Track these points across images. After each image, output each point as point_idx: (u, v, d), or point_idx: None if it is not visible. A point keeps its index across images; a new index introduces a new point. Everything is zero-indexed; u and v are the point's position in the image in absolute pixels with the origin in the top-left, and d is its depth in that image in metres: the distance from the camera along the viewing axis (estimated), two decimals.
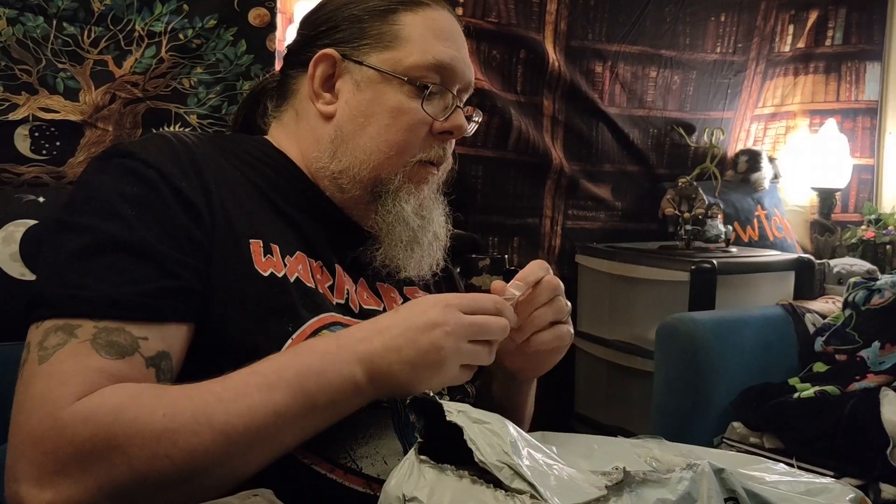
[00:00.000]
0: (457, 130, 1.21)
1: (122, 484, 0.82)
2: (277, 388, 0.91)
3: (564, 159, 3.42)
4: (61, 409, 0.84)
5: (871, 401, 2.19)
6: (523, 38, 3.25)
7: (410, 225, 1.18)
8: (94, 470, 0.82)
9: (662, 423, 2.50)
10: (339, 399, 0.94)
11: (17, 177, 2.09)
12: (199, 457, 0.85)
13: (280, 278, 1.05)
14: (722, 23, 3.72)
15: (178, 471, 0.84)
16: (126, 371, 0.90)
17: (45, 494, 0.81)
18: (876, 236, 3.54)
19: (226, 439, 0.86)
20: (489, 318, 1.00)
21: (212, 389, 0.90)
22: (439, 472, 0.81)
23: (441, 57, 1.17)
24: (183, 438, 0.84)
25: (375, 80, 1.16)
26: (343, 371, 0.94)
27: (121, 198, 0.98)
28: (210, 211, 1.03)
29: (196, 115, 2.28)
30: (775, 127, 3.98)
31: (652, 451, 0.99)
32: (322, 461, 0.99)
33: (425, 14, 1.19)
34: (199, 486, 0.86)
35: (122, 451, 0.82)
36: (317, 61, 1.19)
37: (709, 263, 2.86)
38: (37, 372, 0.88)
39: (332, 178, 1.18)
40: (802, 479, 0.93)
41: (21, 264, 1.72)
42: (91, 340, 0.90)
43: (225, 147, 1.15)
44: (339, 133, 1.17)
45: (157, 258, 0.96)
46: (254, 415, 0.89)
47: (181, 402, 0.88)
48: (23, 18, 2.05)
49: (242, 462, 0.89)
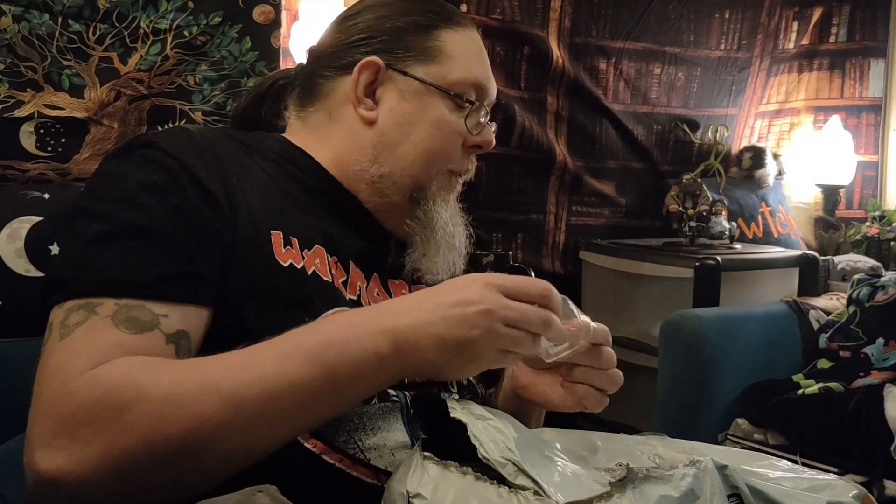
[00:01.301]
0: (486, 145, 1.26)
1: (129, 449, 0.81)
2: (293, 358, 0.88)
3: (568, 156, 3.42)
4: (74, 377, 0.85)
5: (875, 397, 2.20)
6: (527, 35, 3.25)
7: (448, 231, 1.22)
8: (102, 433, 0.82)
9: (666, 419, 2.50)
10: (361, 373, 0.89)
11: (23, 173, 2.09)
12: (206, 424, 0.83)
13: (299, 269, 1.06)
14: (726, 19, 3.71)
15: (185, 437, 0.83)
16: (144, 345, 0.90)
17: (57, 457, 0.82)
18: (880, 233, 3.54)
19: (234, 408, 0.84)
20: (529, 309, 0.91)
21: (224, 358, 0.89)
22: (443, 468, 0.82)
23: (480, 77, 1.24)
24: (189, 404, 0.83)
25: (420, 91, 1.20)
26: (366, 343, 0.89)
27: (141, 187, 0.99)
28: (230, 201, 1.03)
29: (201, 112, 2.29)
30: (779, 123, 3.97)
31: (655, 447, 0.99)
32: (331, 451, 0.99)
33: (463, 33, 1.25)
34: (206, 456, 0.84)
35: (128, 414, 0.82)
36: (362, 67, 1.20)
37: (713, 260, 2.86)
38: (57, 347, 0.89)
39: (371, 183, 1.21)
40: (806, 475, 0.93)
41: (26, 260, 1.72)
42: (111, 316, 0.90)
43: (244, 142, 1.17)
44: (381, 139, 1.20)
45: (177, 245, 0.97)
46: (266, 384, 0.86)
47: (190, 369, 0.88)
48: (28, 16, 2.05)
49: (253, 435, 0.86)
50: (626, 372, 1.08)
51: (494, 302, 0.89)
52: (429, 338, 0.89)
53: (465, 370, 0.95)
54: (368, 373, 0.89)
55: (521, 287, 0.92)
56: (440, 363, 0.91)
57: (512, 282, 0.92)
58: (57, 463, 0.82)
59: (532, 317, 0.91)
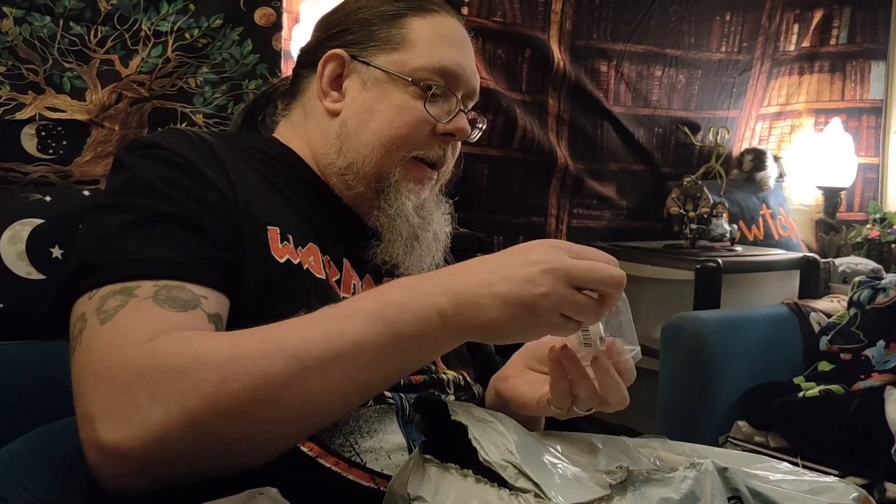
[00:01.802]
0: (458, 132, 1.23)
1: (194, 410, 0.80)
2: (355, 317, 0.87)
3: (569, 158, 3.42)
4: (130, 348, 0.84)
5: (876, 400, 2.20)
6: (528, 38, 3.25)
7: (410, 221, 1.19)
8: (164, 398, 0.80)
9: (667, 421, 2.50)
10: (423, 330, 0.87)
11: (24, 176, 2.09)
12: (271, 380, 0.82)
13: (295, 265, 1.07)
14: (727, 22, 3.72)
15: (250, 395, 0.82)
16: (190, 322, 0.90)
17: (120, 427, 0.80)
18: (881, 235, 3.54)
19: (299, 364, 0.83)
20: (599, 264, 0.88)
21: (284, 322, 0.88)
22: (444, 471, 0.82)
23: (446, 62, 1.20)
24: (252, 362, 0.82)
25: (382, 79, 1.20)
26: (426, 301, 0.88)
27: (160, 179, 1.00)
28: (234, 196, 1.04)
29: (202, 115, 2.29)
30: (780, 126, 3.98)
31: (656, 450, 0.99)
32: (327, 454, 1.00)
33: (434, 20, 1.23)
34: (276, 415, 0.83)
35: (189, 377, 0.81)
36: (326, 60, 1.22)
37: (714, 262, 2.86)
38: (100, 331, 0.87)
39: (340, 175, 1.21)
40: (806, 477, 0.93)
41: (27, 263, 1.72)
42: (153, 297, 0.90)
43: (235, 143, 1.17)
44: (343, 129, 1.20)
45: (206, 231, 0.98)
46: (329, 341, 0.85)
47: (249, 331, 0.87)
48: (30, 18, 2.05)
49: (320, 389, 0.85)
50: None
51: (559, 260, 0.87)
52: (490, 297, 0.87)
53: (528, 333, 0.92)
54: (431, 331, 0.88)
55: (588, 251, 0.90)
56: (502, 324, 0.87)
57: (578, 247, 0.90)
58: (121, 432, 0.80)
59: (602, 272, 0.87)
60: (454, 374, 1.20)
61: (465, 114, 1.24)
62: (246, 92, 2.30)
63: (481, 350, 1.38)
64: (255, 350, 0.83)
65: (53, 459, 1.14)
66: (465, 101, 1.25)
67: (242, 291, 1.00)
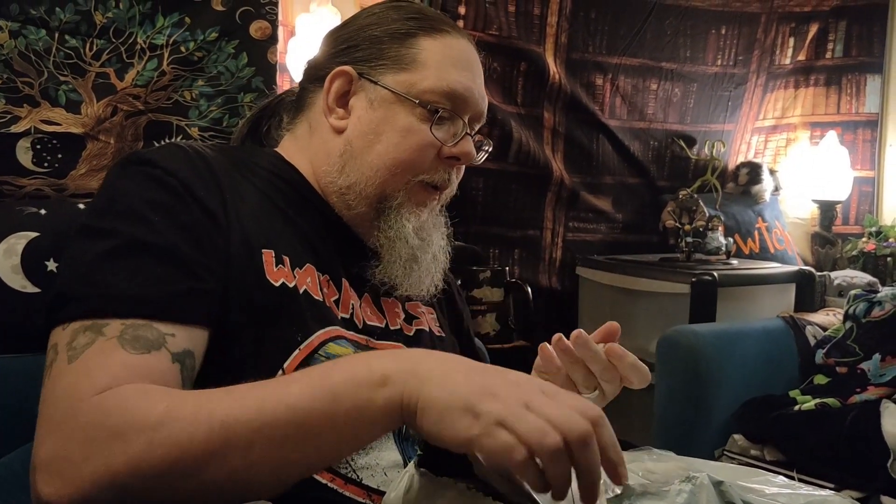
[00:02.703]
0: (464, 157, 1.22)
1: (118, 472, 0.80)
2: (295, 381, 0.85)
3: (565, 171, 3.43)
4: (82, 400, 0.84)
5: (872, 413, 2.19)
6: (524, 51, 3.26)
7: (410, 243, 1.18)
8: (95, 457, 0.80)
9: (664, 435, 2.50)
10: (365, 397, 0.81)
11: (19, 189, 2.09)
12: (192, 450, 0.80)
13: (291, 288, 1.06)
14: (722, 35, 3.73)
15: (172, 464, 0.80)
16: (152, 364, 0.89)
17: (55, 481, 0.81)
18: (877, 248, 3.54)
19: (224, 433, 0.80)
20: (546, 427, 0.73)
21: (226, 388, 0.86)
22: (439, 484, 0.81)
23: (455, 85, 1.19)
24: (179, 428, 0.81)
25: (389, 100, 1.18)
26: (373, 364, 0.83)
27: (146, 203, 0.99)
28: (227, 219, 1.03)
29: (197, 128, 2.29)
30: (776, 139, 3.98)
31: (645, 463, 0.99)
32: (322, 470, 0.99)
33: (444, 41, 1.21)
34: (197, 483, 0.81)
35: (121, 439, 0.81)
36: (333, 77, 1.20)
37: (710, 276, 2.86)
38: (65, 370, 0.88)
39: (340, 194, 1.19)
40: (802, 491, 0.93)
41: (22, 276, 1.72)
42: (118, 337, 0.89)
43: (236, 158, 1.16)
44: (348, 148, 1.18)
45: (185, 261, 0.97)
46: (262, 407, 0.81)
47: (188, 396, 0.86)
48: (25, 31, 2.05)
49: (244, 462, 0.81)
50: (623, 388, 1.08)
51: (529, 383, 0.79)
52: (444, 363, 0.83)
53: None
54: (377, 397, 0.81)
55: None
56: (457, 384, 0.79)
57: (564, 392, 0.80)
58: (55, 487, 0.81)
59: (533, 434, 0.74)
60: None
61: (472, 137, 1.24)
62: (241, 105, 2.31)
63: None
64: (185, 418, 0.81)
65: None
66: (472, 124, 1.24)
67: (231, 318, 0.99)
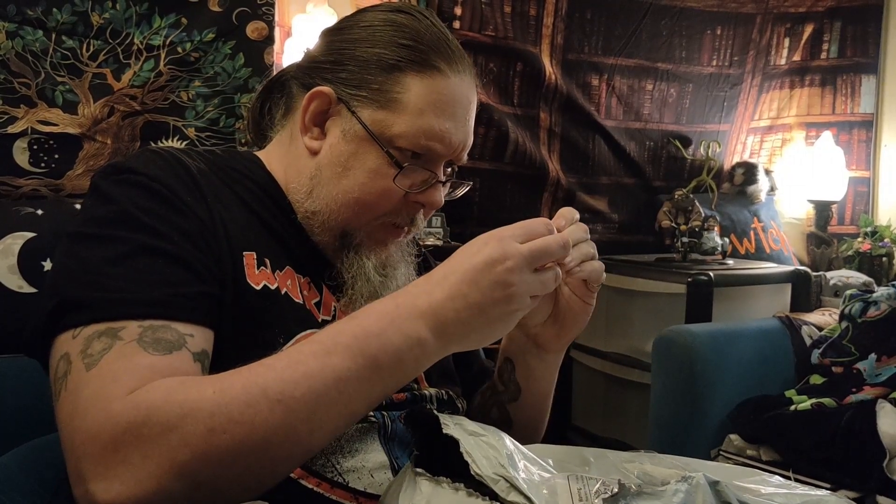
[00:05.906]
0: (429, 205, 1.18)
1: (185, 464, 0.80)
2: (335, 353, 0.88)
3: (561, 171, 3.43)
4: (114, 402, 0.83)
5: (868, 413, 2.20)
6: (520, 52, 3.26)
7: (371, 281, 1.16)
8: (154, 453, 0.80)
9: (659, 435, 2.50)
10: (405, 358, 0.90)
11: (16, 189, 2.09)
12: (259, 428, 0.82)
13: (272, 290, 1.06)
14: (718, 36, 3.73)
15: (239, 444, 0.82)
16: (175, 365, 0.89)
17: (114, 486, 0.80)
18: (872, 248, 3.55)
19: (284, 408, 0.84)
20: (548, 239, 0.96)
21: (263, 362, 0.88)
22: (435, 484, 0.81)
23: (431, 134, 1.13)
24: (237, 411, 0.82)
25: (361, 136, 1.13)
26: (406, 329, 0.90)
27: (139, 209, 0.98)
28: (213, 223, 1.03)
29: (194, 128, 2.29)
30: (771, 139, 3.99)
31: (643, 464, 0.99)
32: (309, 475, 0.99)
33: (432, 82, 1.13)
34: (267, 460, 0.84)
35: (177, 431, 0.81)
36: (312, 96, 1.15)
37: (705, 276, 2.86)
38: (85, 379, 0.86)
39: (306, 217, 1.17)
40: (798, 490, 0.93)
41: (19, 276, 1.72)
42: (137, 340, 0.88)
43: (215, 163, 1.14)
44: (317, 173, 1.16)
45: (190, 264, 0.96)
46: (311, 381, 0.85)
47: (230, 377, 0.86)
48: (22, 32, 2.05)
49: (307, 430, 0.86)
50: (620, 388, 1.08)
51: (516, 252, 0.93)
52: (468, 310, 0.92)
53: (507, 327, 0.97)
54: (413, 357, 0.91)
55: (530, 229, 0.96)
56: (483, 329, 0.94)
57: (519, 228, 0.96)
58: (115, 492, 0.80)
59: (553, 245, 0.96)
60: (435, 390, 1.20)
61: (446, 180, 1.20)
62: (238, 105, 2.31)
63: (472, 361, 1.38)
64: (239, 398, 0.83)
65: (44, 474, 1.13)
66: (452, 163, 1.20)
67: (221, 321, 0.99)
